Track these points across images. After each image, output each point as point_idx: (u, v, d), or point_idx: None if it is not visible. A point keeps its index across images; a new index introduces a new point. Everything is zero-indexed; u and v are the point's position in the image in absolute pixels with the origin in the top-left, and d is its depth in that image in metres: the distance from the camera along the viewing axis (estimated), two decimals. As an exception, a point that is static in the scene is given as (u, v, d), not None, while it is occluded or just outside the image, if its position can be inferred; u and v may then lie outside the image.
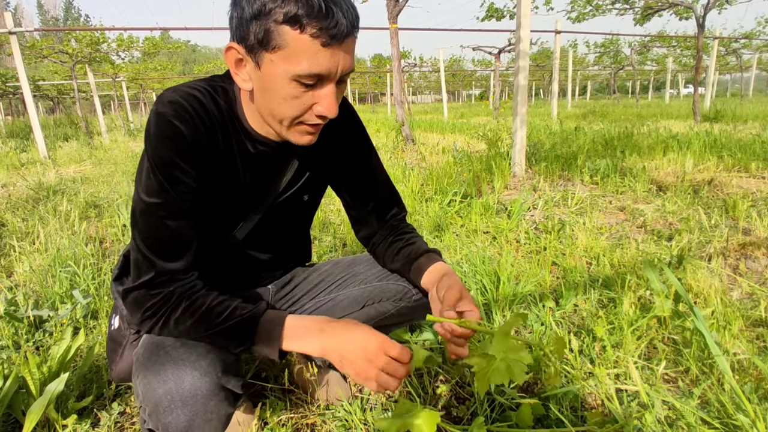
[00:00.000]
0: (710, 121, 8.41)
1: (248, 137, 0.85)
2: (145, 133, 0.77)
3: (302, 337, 0.76)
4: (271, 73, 0.70)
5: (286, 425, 1.15)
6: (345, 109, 0.98)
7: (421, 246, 1.00)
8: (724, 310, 1.48)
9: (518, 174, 4.00)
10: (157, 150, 0.75)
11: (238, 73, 0.76)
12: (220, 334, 0.77)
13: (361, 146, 1.02)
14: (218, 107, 0.81)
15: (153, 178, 0.76)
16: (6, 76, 14.73)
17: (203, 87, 0.81)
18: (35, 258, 2.30)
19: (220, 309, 0.77)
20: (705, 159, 4.08)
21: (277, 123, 0.77)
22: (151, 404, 0.76)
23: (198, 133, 0.77)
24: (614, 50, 18.78)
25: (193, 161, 0.77)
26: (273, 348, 0.76)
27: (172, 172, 0.76)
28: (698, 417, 1.05)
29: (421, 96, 54.10)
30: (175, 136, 0.75)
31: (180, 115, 0.75)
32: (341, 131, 0.97)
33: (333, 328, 0.77)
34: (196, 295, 0.79)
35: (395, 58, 6.31)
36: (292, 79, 0.70)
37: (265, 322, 0.77)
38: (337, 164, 1.01)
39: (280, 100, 0.73)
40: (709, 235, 2.35)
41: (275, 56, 0.68)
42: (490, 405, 1.16)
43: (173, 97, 0.76)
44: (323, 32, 0.66)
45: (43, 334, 1.56)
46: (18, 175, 5.11)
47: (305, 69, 0.68)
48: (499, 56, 13.06)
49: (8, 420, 1.20)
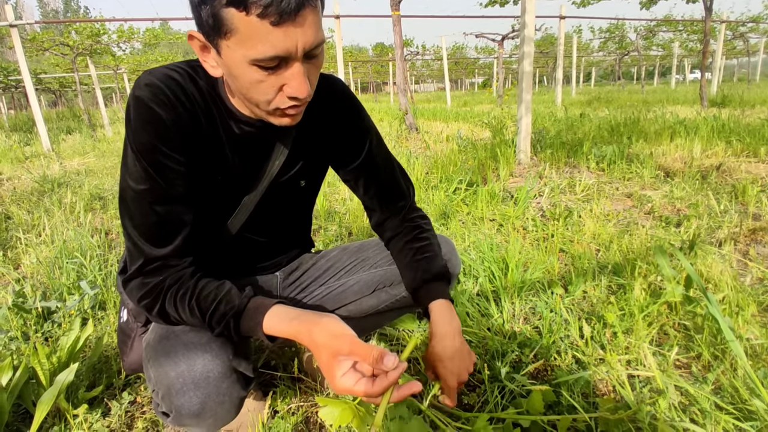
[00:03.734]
0: (717, 106, 8.30)
1: (233, 118, 0.82)
2: (125, 118, 0.74)
3: (281, 323, 0.73)
4: (231, 59, 0.66)
5: (296, 413, 1.15)
6: (341, 92, 0.94)
7: (430, 268, 0.96)
8: (735, 296, 1.46)
9: (523, 161, 3.97)
10: (138, 136, 0.73)
11: (206, 60, 0.72)
12: (210, 322, 0.76)
13: (358, 131, 0.97)
14: (198, 89, 0.78)
15: (137, 164, 0.73)
16: (8, 70, 14.70)
17: (182, 68, 0.77)
18: (42, 250, 2.30)
19: (208, 298, 0.76)
20: (713, 144, 4.03)
21: (254, 107, 0.74)
22: (163, 387, 0.76)
23: (178, 116, 0.74)
24: (619, 35, 18.56)
25: (175, 145, 0.75)
26: (259, 334, 0.74)
27: (155, 157, 0.73)
28: (712, 402, 1.04)
29: (423, 84, 53.75)
30: (154, 121, 0.72)
31: (158, 99, 0.72)
32: (336, 115, 0.94)
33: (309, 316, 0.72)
34: (187, 284, 0.77)
35: (398, 46, 6.25)
36: (252, 64, 0.65)
37: (250, 311, 0.75)
38: (332, 149, 0.97)
39: (247, 86, 0.69)
40: (718, 220, 2.32)
41: (230, 42, 0.64)
42: (500, 392, 1.15)
43: (150, 80, 0.73)
44: (269, 11, 0.60)
45: (52, 325, 1.56)
46: (23, 168, 5.12)
47: (260, 53, 0.63)
48: (502, 43, 12.91)
49: (18, 410, 1.21)
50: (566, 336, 1.38)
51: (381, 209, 1.04)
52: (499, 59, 13.29)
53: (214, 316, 0.75)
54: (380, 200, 1.03)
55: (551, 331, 1.37)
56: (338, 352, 0.65)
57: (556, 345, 1.33)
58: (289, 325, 0.71)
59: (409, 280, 0.98)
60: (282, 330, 0.72)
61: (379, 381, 0.62)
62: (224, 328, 0.75)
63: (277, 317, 0.73)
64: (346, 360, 0.65)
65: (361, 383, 0.63)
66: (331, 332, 0.67)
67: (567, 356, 1.28)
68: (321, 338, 0.67)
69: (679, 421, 0.99)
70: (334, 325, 0.69)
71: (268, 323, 0.72)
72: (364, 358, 0.64)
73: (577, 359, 1.28)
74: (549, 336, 1.35)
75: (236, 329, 0.75)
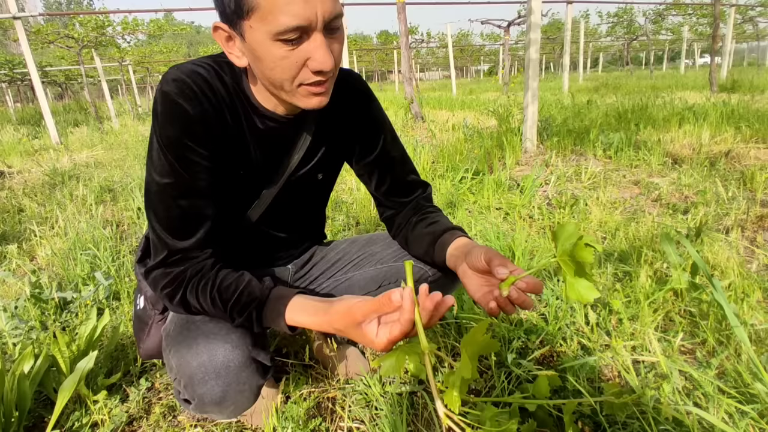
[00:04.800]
0: (727, 92, 8.18)
1: (256, 113, 0.84)
2: (152, 113, 0.77)
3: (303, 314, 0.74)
4: (255, 40, 0.68)
5: (308, 399, 1.18)
6: (358, 83, 0.96)
7: (446, 224, 0.94)
8: (741, 282, 1.47)
9: (530, 150, 3.96)
10: (164, 130, 0.75)
11: (231, 52, 0.74)
12: (231, 312, 0.78)
13: (373, 123, 0.99)
14: (224, 84, 0.80)
15: (163, 158, 0.75)
16: (13, 63, 14.74)
17: (208, 64, 0.79)
18: (56, 242, 2.35)
19: (229, 289, 0.78)
20: (722, 130, 4.00)
21: (280, 90, 0.75)
22: (185, 376, 0.79)
23: (204, 111, 0.76)
24: (628, 20, 18.26)
25: (201, 140, 0.77)
26: (281, 325, 0.76)
27: (181, 151, 0.75)
28: (716, 386, 1.06)
29: (428, 73, 53.24)
30: (180, 115, 0.74)
31: (184, 94, 0.74)
32: (352, 106, 0.95)
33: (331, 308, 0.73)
34: (208, 275, 0.79)
35: (403, 34, 6.20)
36: (275, 40, 0.67)
37: (271, 302, 0.77)
38: (349, 141, 0.99)
39: (271, 65, 0.70)
40: (726, 207, 2.31)
41: (252, 21, 0.66)
42: (507, 377, 1.18)
43: (177, 75, 0.75)
44: None
45: (69, 314, 1.61)
46: (32, 162, 5.17)
47: (283, 24, 0.65)
48: (508, 29, 12.76)
49: (39, 397, 1.25)
50: (572, 323, 1.40)
51: (393, 204, 1.05)
52: (505, 46, 13.14)
53: (236, 307, 0.77)
54: (393, 195, 1.04)
55: (557, 318, 1.39)
56: (357, 322, 0.67)
57: (561, 331, 1.35)
58: (310, 318, 0.73)
59: (423, 244, 0.95)
60: (303, 321, 0.74)
61: (402, 314, 0.64)
62: (246, 319, 0.77)
63: (299, 308, 0.74)
64: (368, 323, 0.67)
65: (395, 328, 0.64)
66: (342, 313, 0.69)
67: (573, 342, 1.30)
68: (340, 324, 0.69)
69: (683, 404, 1.01)
70: (339, 306, 0.70)
71: (290, 314, 0.74)
72: (377, 310, 0.65)
73: (583, 345, 1.30)
74: (555, 323, 1.37)
75: (258, 320, 0.77)
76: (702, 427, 0.97)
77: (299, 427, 1.07)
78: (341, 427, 1.11)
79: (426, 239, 0.94)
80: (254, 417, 1.12)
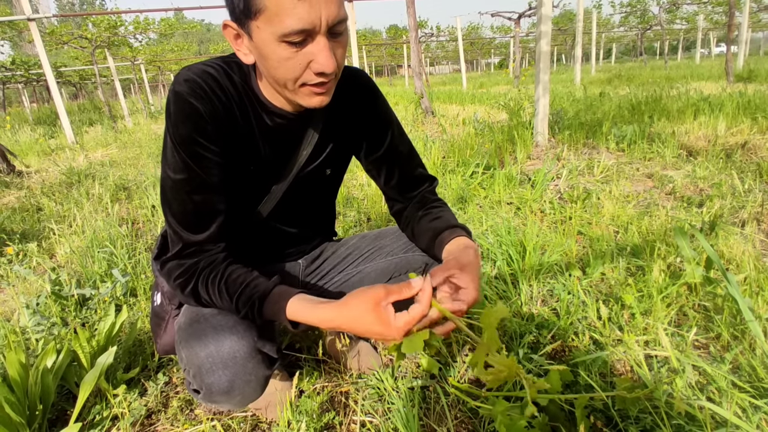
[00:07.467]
0: (743, 81, 8.01)
1: (265, 110, 0.86)
2: (165, 112, 0.80)
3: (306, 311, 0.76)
4: (261, 40, 0.71)
5: (321, 393, 1.20)
6: (364, 81, 0.97)
7: (449, 220, 0.96)
8: (757, 276, 1.45)
9: (541, 143, 3.93)
10: (177, 128, 0.78)
11: (240, 49, 0.77)
12: (236, 304, 0.80)
13: (380, 120, 1.00)
14: (233, 83, 0.83)
15: (176, 155, 0.79)
16: (29, 64, 14.99)
17: (217, 64, 0.83)
18: (74, 240, 2.40)
19: (237, 282, 0.81)
20: (738, 121, 3.92)
21: (283, 88, 0.77)
22: (194, 367, 0.82)
23: (215, 109, 0.79)
24: (641, 9, 17.93)
25: (212, 136, 0.80)
26: (281, 319, 0.78)
27: (193, 148, 0.79)
28: (729, 381, 1.06)
29: (438, 66, 52.92)
30: (192, 114, 0.77)
31: (196, 93, 0.77)
32: (359, 104, 0.97)
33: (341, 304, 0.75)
34: (219, 267, 0.83)
35: (412, 28, 6.17)
36: (280, 41, 0.69)
37: (274, 295, 0.79)
38: (357, 137, 1.01)
39: (276, 65, 0.73)
40: (742, 200, 2.28)
41: (259, 22, 0.69)
42: (518, 372, 1.18)
43: (188, 75, 0.78)
44: None
45: (88, 311, 1.65)
46: (49, 161, 5.27)
47: (288, 27, 0.67)
48: (519, 22, 12.63)
49: (62, 391, 1.29)
50: (584, 317, 1.39)
51: (402, 198, 1.06)
52: (516, 38, 13.01)
53: (241, 298, 0.79)
54: (401, 190, 1.05)
55: (569, 313, 1.39)
56: (378, 299, 0.69)
57: (573, 326, 1.35)
58: (312, 312, 0.75)
59: (426, 240, 0.96)
60: (305, 316, 0.75)
61: (421, 297, 0.67)
62: (249, 309, 0.79)
63: (301, 303, 0.76)
64: (386, 306, 0.69)
65: (413, 309, 0.68)
66: (360, 297, 0.71)
67: (584, 337, 1.30)
68: (357, 309, 0.70)
69: (696, 399, 1.01)
70: (358, 293, 0.72)
71: (292, 308, 0.76)
72: (398, 291, 0.70)
73: (595, 340, 1.30)
74: (566, 317, 1.37)
75: (260, 311, 0.79)
76: (715, 422, 0.97)
77: (313, 421, 1.09)
78: (354, 420, 1.12)
79: (428, 235, 0.96)
80: (269, 410, 1.14)
